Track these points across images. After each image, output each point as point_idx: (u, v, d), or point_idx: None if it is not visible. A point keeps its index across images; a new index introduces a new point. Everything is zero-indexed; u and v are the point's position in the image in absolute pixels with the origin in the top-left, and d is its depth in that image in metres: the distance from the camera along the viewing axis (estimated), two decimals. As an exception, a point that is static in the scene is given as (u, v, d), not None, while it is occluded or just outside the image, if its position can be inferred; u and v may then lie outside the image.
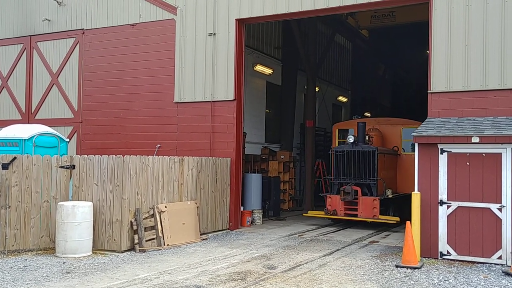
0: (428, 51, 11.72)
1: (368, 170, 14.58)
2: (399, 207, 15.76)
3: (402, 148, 16.61)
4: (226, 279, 8.34)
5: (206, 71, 14.40)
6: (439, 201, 10.28)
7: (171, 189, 11.99)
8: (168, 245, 11.28)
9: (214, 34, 14.31)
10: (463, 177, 10.11)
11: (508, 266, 9.50)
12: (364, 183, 14.69)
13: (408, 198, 14.41)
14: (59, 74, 17.14)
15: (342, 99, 28.94)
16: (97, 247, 10.67)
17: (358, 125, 15.12)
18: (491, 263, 9.79)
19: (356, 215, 14.54)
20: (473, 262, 9.91)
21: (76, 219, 10.16)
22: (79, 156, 11.33)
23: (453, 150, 10.23)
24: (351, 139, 14.65)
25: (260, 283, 8.13)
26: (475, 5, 11.09)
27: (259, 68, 20.02)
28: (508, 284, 8.42)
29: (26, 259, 9.77)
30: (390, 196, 14.79)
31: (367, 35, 26.23)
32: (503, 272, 9.21)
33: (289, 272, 8.95)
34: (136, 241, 10.77)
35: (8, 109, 18.21)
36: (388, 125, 16.76)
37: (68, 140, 13.83)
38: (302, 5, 13.12)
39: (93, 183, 10.93)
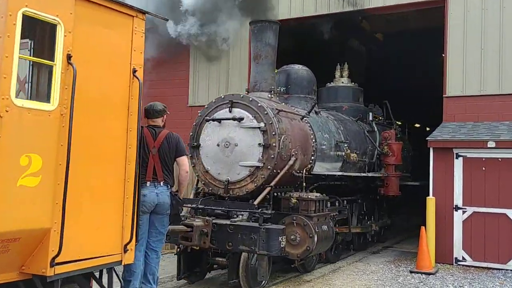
0: (443, 55, 11.64)
1: None
2: None
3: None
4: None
5: (220, 73, 14.41)
6: (454, 207, 10.18)
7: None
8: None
9: (228, 37, 14.32)
10: (479, 182, 10.00)
11: (525, 273, 9.36)
12: None
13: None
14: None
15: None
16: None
17: None
18: (506, 270, 9.64)
19: None
20: (489, 268, 9.78)
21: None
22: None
23: (469, 155, 10.13)
24: None
25: (273, 286, 8.11)
26: (491, 8, 10.98)
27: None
28: (525, 291, 8.31)
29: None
30: None
31: (382, 38, 26.12)
32: (519, 279, 9.09)
33: (302, 276, 8.91)
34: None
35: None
36: None
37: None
38: (316, 9, 13.12)
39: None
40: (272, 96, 8.88)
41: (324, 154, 9.44)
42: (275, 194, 7.98)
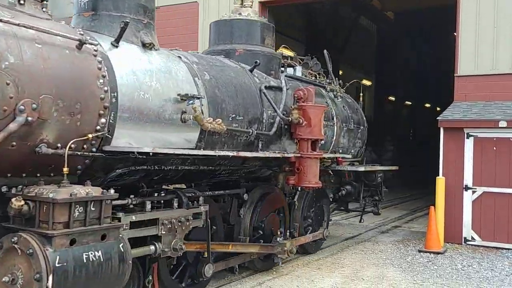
0: (455, 33, 11.46)
1: None
2: None
3: None
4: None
5: (229, 54, 14.29)
6: (464, 186, 10.15)
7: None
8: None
9: (237, 17, 14.20)
10: (489, 162, 9.94)
11: (534, 252, 9.35)
12: None
13: None
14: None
15: (366, 82, 28.62)
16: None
17: None
18: (516, 250, 9.67)
19: None
20: (498, 248, 9.78)
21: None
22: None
23: (480, 135, 10.05)
24: None
25: (282, 265, 8.18)
26: (505, -15, 10.76)
27: (282, 50, 19.87)
28: (534, 270, 8.31)
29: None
30: None
31: (392, 17, 25.85)
32: (528, 258, 9.09)
33: (311, 255, 8.97)
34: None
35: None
36: None
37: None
38: (326, -13, 12.97)
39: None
40: (24, 3, 4.67)
41: (148, 116, 5.27)
42: (3, 190, 4.35)
